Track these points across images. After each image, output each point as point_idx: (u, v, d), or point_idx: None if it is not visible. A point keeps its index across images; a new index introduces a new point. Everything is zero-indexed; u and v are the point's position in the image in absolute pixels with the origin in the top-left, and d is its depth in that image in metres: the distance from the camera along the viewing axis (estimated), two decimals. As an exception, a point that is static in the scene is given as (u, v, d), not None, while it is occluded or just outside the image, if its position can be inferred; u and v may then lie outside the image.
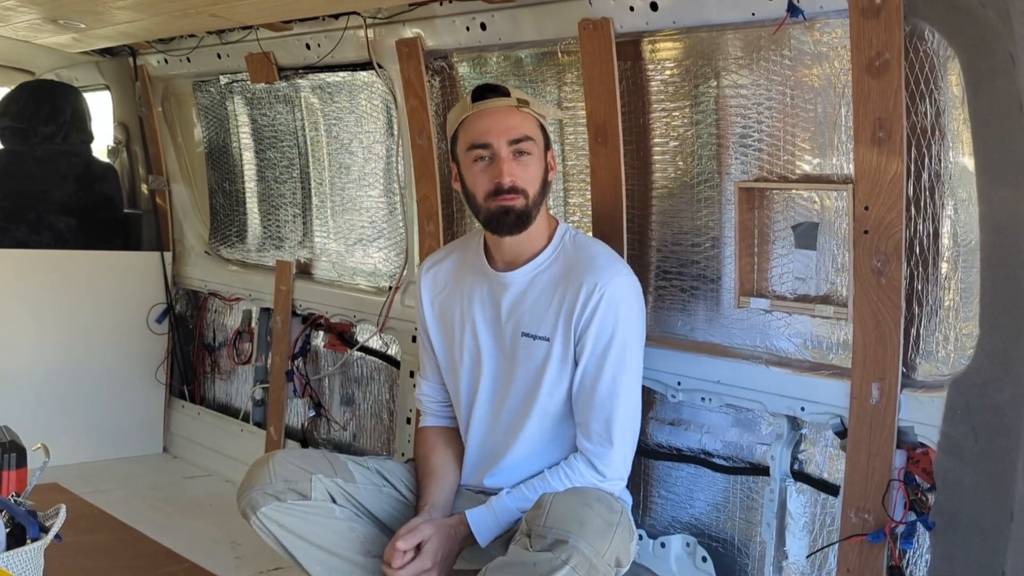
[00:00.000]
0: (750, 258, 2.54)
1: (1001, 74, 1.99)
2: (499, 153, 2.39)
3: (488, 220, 2.44)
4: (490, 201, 2.41)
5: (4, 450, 2.57)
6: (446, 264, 2.66)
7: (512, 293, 2.50)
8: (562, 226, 2.54)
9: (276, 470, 2.45)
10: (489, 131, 2.40)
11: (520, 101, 2.43)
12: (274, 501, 2.43)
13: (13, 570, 2.16)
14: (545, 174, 2.47)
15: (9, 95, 4.51)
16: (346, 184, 3.80)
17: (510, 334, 2.50)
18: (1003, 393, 2.05)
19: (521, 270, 2.49)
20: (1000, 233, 2.05)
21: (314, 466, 2.49)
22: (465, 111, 2.45)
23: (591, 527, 2.12)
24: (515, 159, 2.40)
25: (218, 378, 4.48)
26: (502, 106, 2.42)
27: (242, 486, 2.48)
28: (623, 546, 2.17)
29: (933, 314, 2.24)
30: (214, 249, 4.49)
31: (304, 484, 2.45)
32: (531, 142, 2.42)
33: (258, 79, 3.80)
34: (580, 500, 2.19)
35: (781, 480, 2.47)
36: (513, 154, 2.40)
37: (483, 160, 2.42)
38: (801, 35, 2.39)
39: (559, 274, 2.46)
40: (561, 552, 2.08)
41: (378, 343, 3.65)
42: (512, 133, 2.40)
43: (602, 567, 2.10)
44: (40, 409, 4.00)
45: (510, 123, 2.41)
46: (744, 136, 2.55)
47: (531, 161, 2.42)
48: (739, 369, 2.51)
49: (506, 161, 2.39)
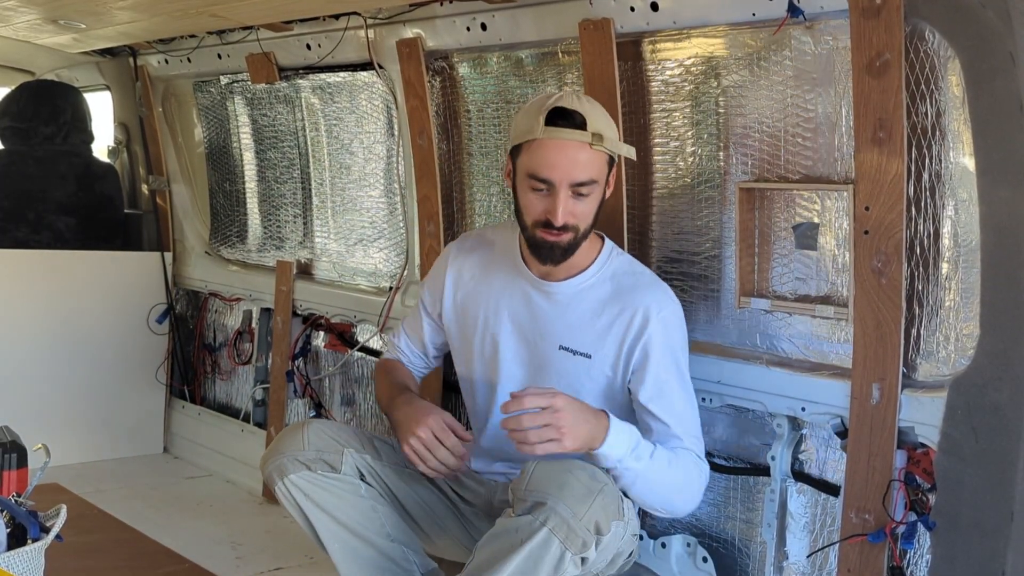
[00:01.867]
0: (750, 258, 2.54)
1: (1001, 74, 1.99)
2: (558, 194, 2.28)
3: (532, 245, 2.38)
4: (537, 229, 2.34)
5: (5, 450, 2.56)
6: (475, 256, 2.60)
7: (552, 304, 2.45)
8: (608, 244, 2.49)
9: (310, 438, 2.43)
10: (554, 167, 2.27)
11: (595, 137, 2.27)
12: (304, 470, 2.41)
13: (14, 570, 2.16)
14: (601, 203, 2.37)
15: (9, 95, 4.51)
16: (346, 184, 3.80)
17: (545, 344, 2.45)
18: (1003, 393, 2.05)
19: (567, 283, 2.44)
20: (1000, 233, 2.05)
21: (346, 440, 2.47)
22: (534, 133, 2.29)
23: (570, 490, 2.09)
24: (574, 198, 2.30)
25: (218, 378, 4.48)
26: (574, 140, 2.27)
27: (271, 450, 2.45)
28: (604, 513, 2.11)
29: (933, 314, 2.24)
30: (214, 249, 4.49)
31: (335, 456, 2.43)
32: (591, 185, 2.30)
33: (258, 79, 3.80)
34: (562, 467, 2.15)
35: (782, 480, 2.47)
36: (573, 194, 2.30)
37: (541, 191, 2.31)
38: (801, 35, 2.39)
39: (607, 295, 2.42)
40: (539, 514, 2.07)
41: (378, 343, 3.65)
42: (577, 175, 2.28)
43: (581, 531, 2.07)
44: (40, 409, 4.00)
45: (578, 161, 2.27)
46: (744, 136, 2.55)
47: (590, 200, 2.32)
48: (740, 369, 2.52)
49: (563, 201, 2.28)
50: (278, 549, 3.33)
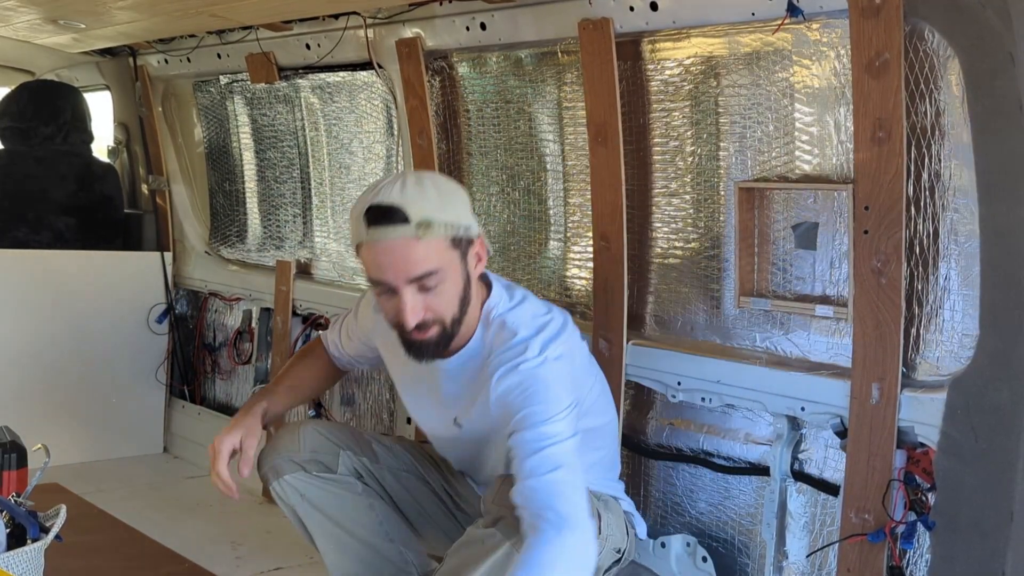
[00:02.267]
0: (750, 258, 2.54)
1: (1001, 74, 1.99)
2: (401, 295, 2.12)
3: (406, 347, 2.24)
4: (400, 331, 2.21)
5: (4, 450, 2.57)
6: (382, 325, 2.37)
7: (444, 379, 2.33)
8: (491, 301, 2.29)
9: (305, 439, 2.44)
10: (385, 269, 2.12)
11: (420, 226, 2.08)
12: (299, 470, 2.42)
13: (14, 570, 2.16)
14: (466, 283, 2.19)
15: (9, 95, 4.51)
16: (346, 184, 3.80)
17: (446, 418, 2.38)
18: (1003, 393, 2.05)
19: (452, 360, 2.29)
20: (1000, 233, 2.05)
21: (342, 441, 2.48)
22: (361, 237, 2.15)
23: None
24: (421, 292, 2.13)
25: (218, 378, 4.48)
26: (397, 238, 2.09)
27: (267, 450, 2.47)
28: None
29: (933, 314, 2.24)
30: (214, 249, 4.49)
31: (331, 457, 2.44)
32: (436, 275, 2.12)
33: (258, 79, 3.80)
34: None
35: (781, 480, 2.47)
36: (419, 288, 2.13)
37: (387, 293, 2.16)
38: (801, 35, 2.39)
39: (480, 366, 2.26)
40: (502, 527, 2.07)
41: (378, 343, 3.65)
42: (412, 271, 2.11)
43: None
44: (40, 409, 4.00)
45: (409, 259, 2.10)
46: (744, 136, 2.55)
47: (443, 288, 2.14)
48: (739, 369, 2.51)
49: (409, 301, 2.12)
50: (278, 549, 3.33)
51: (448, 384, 2.33)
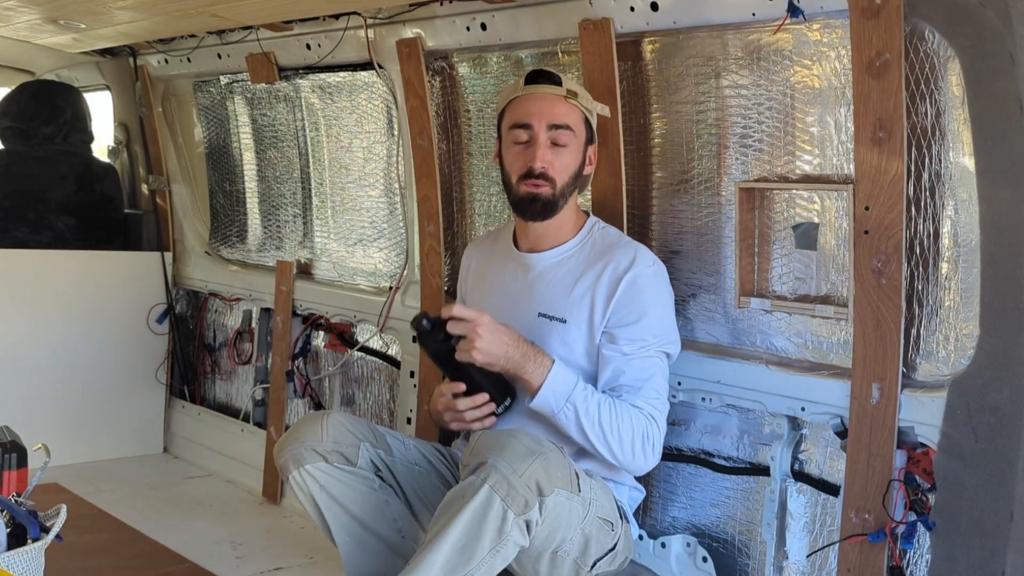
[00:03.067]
0: (750, 258, 2.54)
1: (1001, 74, 1.99)
2: (537, 137, 2.46)
3: (515, 203, 2.52)
4: (520, 184, 2.48)
5: (5, 450, 2.57)
6: (481, 248, 2.79)
7: (533, 274, 2.56)
8: (592, 219, 2.60)
9: (329, 429, 2.46)
10: (532, 113, 2.47)
11: (569, 92, 2.48)
12: (321, 461, 2.44)
13: (14, 570, 2.16)
14: (581, 167, 2.52)
15: (9, 95, 4.51)
16: (346, 184, 3.80)
17: (526, 312, 2.52)
18: (1003, 393, 2.05)
19: (546, 253, 2.55)
20: (1000, 233, 2.05)
21: (363, 434, 2.51)
22: (516, 92, 2.52)
23: (510, 450, 2.13)
24: (551, 147, 2.46)
25: (218, 378, 4.48)
26: (551, 93, 2.47)
27: (287, 438, 2.48)
28: (545, 474, 2.13)
29: (933, 314, 2.24)
30: (214, 249, 4.49)
31: (352, 450, 2.47)
32: (570, 133, 2.47)
33: (258, 79, 3.80)
34: (506, 432, 2.22)
35: (781, 480, 2.47)
36: (551, 141, 2.46)
37: (522, 143, 2.48)
38: (801, 35, 2.39)
39: (584, 262, 2.51)
40: (481, 472, 2.10)
41: (378, 343, 3.65)
42: (554, 118, 2.46)
43: (521, 488, 2.09)
44: (40, 409, 4.00)
45: (556, 108, 2.47)
46: (744, 136, 2.55)
47: (567, 152, 2.48)
48: (739, 369, 2.52)
49: (542, 147, 2.45)
50: (278, 549, 3.33)
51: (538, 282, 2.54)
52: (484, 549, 2.09)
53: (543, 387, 2.35)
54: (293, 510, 3.65)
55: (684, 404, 2.66)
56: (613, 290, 2.44)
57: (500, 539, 2.09)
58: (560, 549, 2.25)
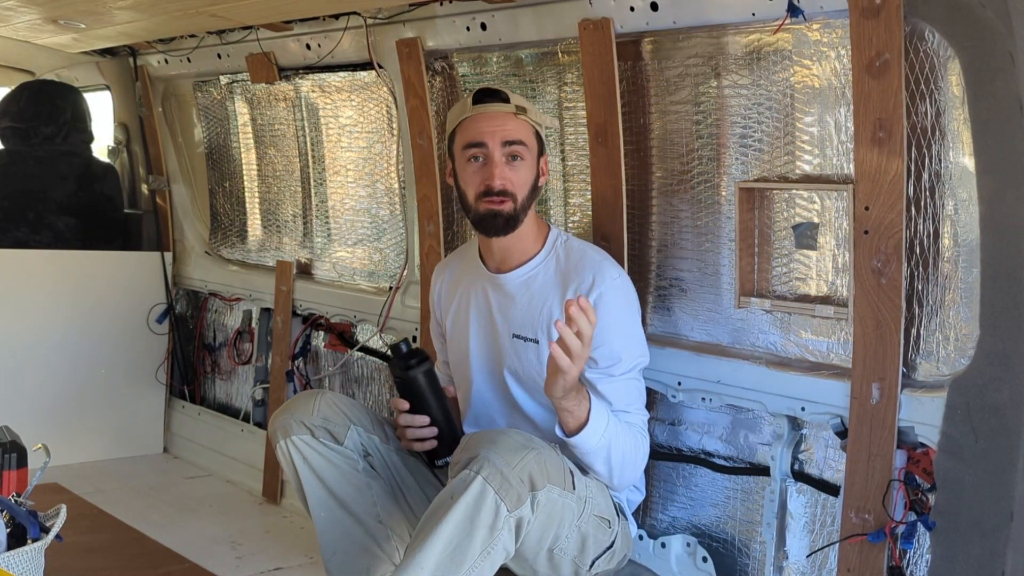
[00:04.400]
0: (750, 258, 2.54)
1: (1001, 74, 1.99)
2: (492, 155, 2.46)
3: (477, 221, 2.51)
4: (480, 202, 2.48)
5: (5, 450, 2.57)
6: (450, 269, 2.76)
7: (504, 295, 2.55)
8: (554, 231, 2.59)
9: (320, 406, 2.50)
10: (485, 132, 2.47)
11: (518, 108, 2.49)
12: (307, 434, 2.47)
13: (14, 570, 2.16)
14: (536, 179, 2.52)
15: (9, 95, 4.51)
16: (346, 184, 3.80)
17: (501, 334, 2.54)
18: (1003, 393, 2.05)
19: (513, 273, 2.54)
20: (1000, 233, 2.05)
21: (356, 417, 2.53)
22: (464, 112, 2.51)
23: (503, 444, 2.14)
24: (508, 163, 2.47)
25: (218, 378, 4.48)
26: (500, 111, 2.48)
27: (281, 410, 2.53)
28: (539, 468, 2.14)
29: (933, 314, 2.24)
30: (214, 249, 4.49)
31: (341, 429, 2.49)
32: (524, 147, 2.48)
33: (258, 79, 3.80)
34: (498, 431, 2.23)
35: (781, 480, 2.47)
36: (506, 157, 2.46)
37: (477, 161, 2.48)
38: (801, 35, 2.39)
39: (552, 278, 2.50)
40: (473, 465, 2.10)
41: (378, 343, 3.65)
42: (507, 135, 2.46)
43: (514, 481, 2.09)
44: (40, 409, 4.00)
45: (506, 127, 2.47)
46: (744, 136, 2.55)
47: (523, 166, 2.48)
48: (739, 369, 2.52)
49: (498, 164, 2.46)
50: (278, 549, 3.33)
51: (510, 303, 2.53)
52: (476, 551, 2.08)
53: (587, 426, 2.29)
54: (293, 510, 3.66)
55: (684, 404, 2.66)
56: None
57: (492, 538, 2.09)
58: (556, 547, 2.26)
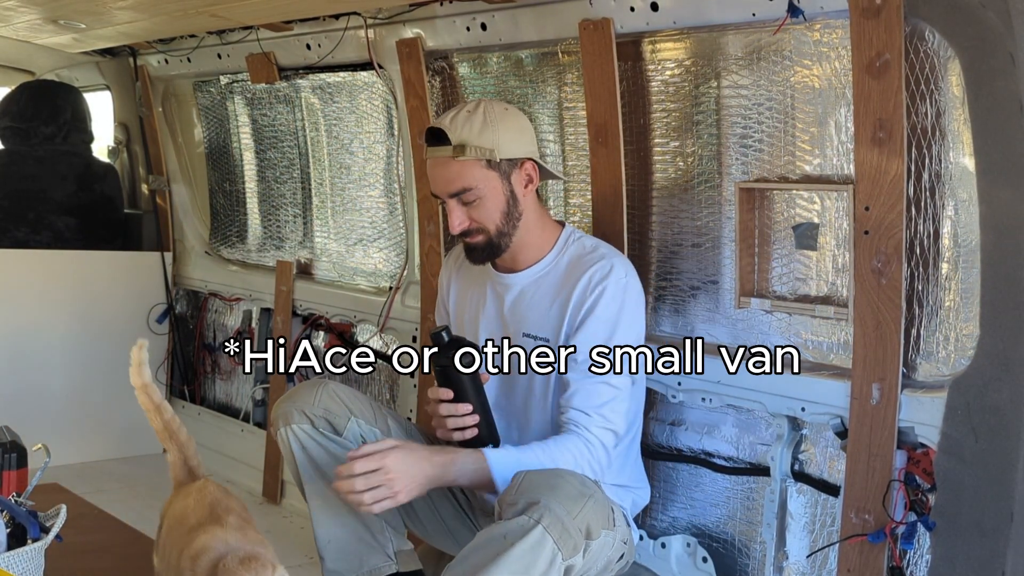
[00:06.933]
0: (750, 258, 2.54)
1: (1001, 74, 1.99)
2: (447, 204, 2.44)
3: (466, 251, 2.53)
4: (457, 238, 2.53)
5: (5, 450, 2.57)
6: (459, 265, 2.72)
7: (514, 294, 2.53)
8: (567, 229, 2.55)
9: (321, 397, 2.50)
10: (434, 183, 2.46)
11: (456, 148, 2.38)
12: (307, 423, 2.47)
13: (14, 570, 2.16)
14: (509, 200, 2.44)
15: (9, 95, 4.52)
16: (346, 184, 3.80)
17: (515, 334, 2.52)
18: (1003, 393, 2.05)
19: (524, 273, 2.52)
20: (1000, 233, 2.05)
21: (358, 409, 2.53)
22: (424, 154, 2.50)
23: (563, 491, 2.09)
24: (463, 206, 2.43)
25: (218, 378, 4.48)
26: (440, 157, 2.42)
27: (284, 397, 2.54)
28: (595, 518, 2.12)
29: (933, 314, 2.24)
30: (214, 249, 4.50)
31: (341, 420, 2.49)
32: (471, 191, 2.40)
33: (258, 79, 3.80)
34: (552, 473, 2.18)
35: (781, 480, 2.47)
36: (459, 202, 2.43)
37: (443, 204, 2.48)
38: (801, 35, 2.39)
39: (560, 277, 2.48)
40: (533, 512, 2.05)
41: (378, 343, 3.65)
42: (450, 187, 2.42)
43: (573, 531, 2.06)
44: (40, 409, 4.00)
45: (447, 177, 2.42)
46: (744, 136, 2.55)
47: (481, 203, 2.42)
48: (739, 369, 2.51)
49: (453, 211, 2.43)
50: (278, 549, 3.28)
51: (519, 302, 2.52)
52: None
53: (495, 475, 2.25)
54: (293, 510, 3.65)
55: (684, 404, 2.66)
56: (580, 307, 2.40)
57: None
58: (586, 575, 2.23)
